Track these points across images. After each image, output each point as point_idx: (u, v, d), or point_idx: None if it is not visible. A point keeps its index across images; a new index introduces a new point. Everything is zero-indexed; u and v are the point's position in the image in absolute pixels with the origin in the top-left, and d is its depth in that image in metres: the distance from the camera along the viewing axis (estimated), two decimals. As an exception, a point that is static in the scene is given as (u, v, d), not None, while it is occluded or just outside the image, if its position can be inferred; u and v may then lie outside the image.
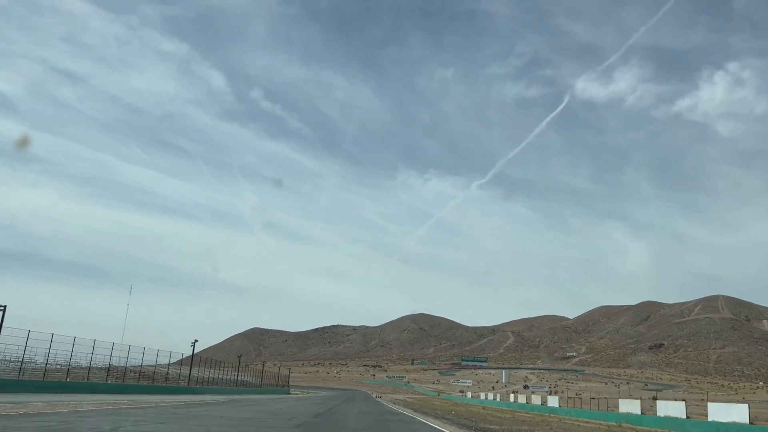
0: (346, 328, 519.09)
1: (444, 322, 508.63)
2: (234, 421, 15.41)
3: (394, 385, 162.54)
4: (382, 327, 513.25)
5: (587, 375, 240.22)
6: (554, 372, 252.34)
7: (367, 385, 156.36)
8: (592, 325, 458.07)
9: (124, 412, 16.31)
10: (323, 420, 18.60)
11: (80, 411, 15.78)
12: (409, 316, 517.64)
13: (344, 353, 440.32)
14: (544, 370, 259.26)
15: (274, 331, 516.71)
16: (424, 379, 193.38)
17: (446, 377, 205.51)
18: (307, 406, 31.40)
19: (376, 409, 33.61)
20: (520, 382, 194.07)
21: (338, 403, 38.55)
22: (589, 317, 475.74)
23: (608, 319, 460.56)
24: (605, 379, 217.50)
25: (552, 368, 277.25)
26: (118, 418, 13.68)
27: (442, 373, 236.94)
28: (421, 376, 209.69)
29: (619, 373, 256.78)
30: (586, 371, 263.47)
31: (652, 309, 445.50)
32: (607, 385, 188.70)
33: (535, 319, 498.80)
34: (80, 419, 12.81)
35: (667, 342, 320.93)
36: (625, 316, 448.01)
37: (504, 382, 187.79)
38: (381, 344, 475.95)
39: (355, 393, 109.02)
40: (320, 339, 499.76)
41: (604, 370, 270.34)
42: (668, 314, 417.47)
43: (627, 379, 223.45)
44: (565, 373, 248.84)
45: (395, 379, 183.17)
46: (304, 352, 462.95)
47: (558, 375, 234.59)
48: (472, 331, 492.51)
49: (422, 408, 42.54)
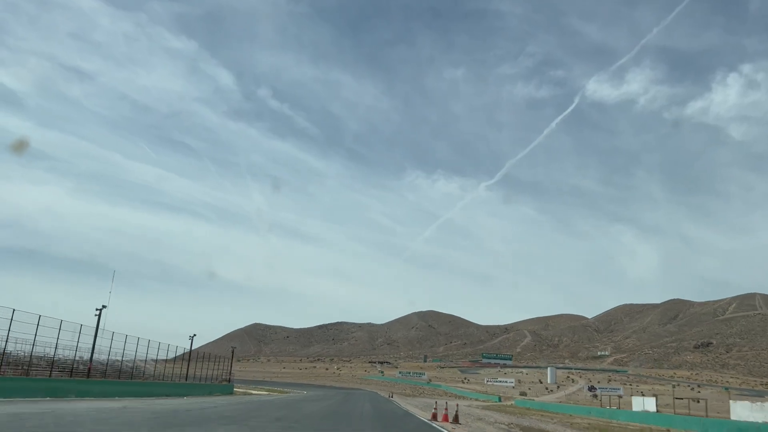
0: (350, 326, 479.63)
1: (454, 319, 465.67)
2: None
3: (410, 383, 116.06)
4: (388, 324, 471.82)
5: (637, 376, 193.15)
6: (596, 372, 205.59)
7: (375, 384, 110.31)
8: (615, 324, 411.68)
9: None
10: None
11: None
12: (418, 313, 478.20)
13: (349, 351, 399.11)
14: (581, 370, 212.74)
15: (276, 328, 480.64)
16: (446, 377, 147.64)
17: (472, 375, 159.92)
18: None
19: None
20: (566, 382, 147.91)
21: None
22: (610, 316, 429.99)
23: (631, 318, 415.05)
24: (661, 381, 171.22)
25: (588, 368, 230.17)
26: None
27: (464, 371, 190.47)
28: (440, 374, 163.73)
29: (668, 374, 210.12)
30: (629, 371, 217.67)
31: (680, 307, 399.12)
32: (677, 388, 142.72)
33: (551, 318, 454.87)
34: None
35: (715, 341, 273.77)
36: (650, 314, 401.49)
37: (550, 382, 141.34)
38: (388, 342, 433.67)
39: (351, 394, 64.42)
40: (324, 336, 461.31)
41: (649, 371, 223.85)
42: (699, 312, 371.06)
43: (685, 381, 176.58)
44: (607, 373, 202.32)
45: (410, 377, 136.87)
46: (306, 349, 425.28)
47: (600, 375, 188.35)
48: (483, 330, 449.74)
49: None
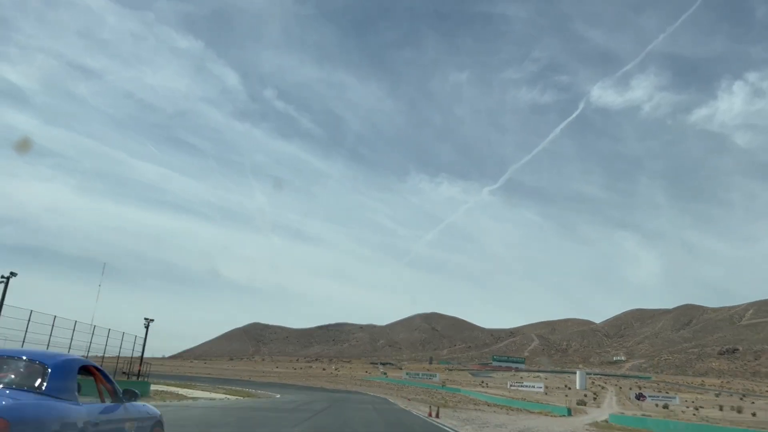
0: (352, 327, 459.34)
1: (458, 322, 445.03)
2: None
3: (421, 386, 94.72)
4: (390, 326, 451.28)
5: (666, 383, 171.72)
6: (620, 378, 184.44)
7: (379, 387, 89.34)
8: (625, 329, 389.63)
9: None
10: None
11: None
12: (421, 315, 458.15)
13: (349, 352, 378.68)
14: (601, 375, 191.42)
15: (275, 327, 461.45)
16: (459, 380, 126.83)
17: (486, 378, 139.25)
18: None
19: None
20: (593, 388, 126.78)
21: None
22: (620, 321, 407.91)
23: (642, 323, 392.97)
24: (697, 389, 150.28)
25: (607, 373, 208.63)
26: None
27: (475, 374, 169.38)
28: (450, 377, 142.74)
29: (695, 381, 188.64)
30: (652, 378, 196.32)
31: (693, 313, 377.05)
32: (719, 397, 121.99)
33: (557, 322, 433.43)
34: None
35: (741, 347, 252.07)
36: (662, 320, 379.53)
37: (580, 388, 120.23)
38: (389, 344, 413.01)
39: (346, 400, 44.33)
40: (324, 337, 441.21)
41: (673, 378, 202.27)
42: (715, 318, 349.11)
43: (723, 390, 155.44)
44: (631, 379, 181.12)
45: (419, 378, 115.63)
46: (306, 349, 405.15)
47: (625, 381, 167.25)
48: (488, 333, 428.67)
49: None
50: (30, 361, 6.25)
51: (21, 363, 6.26)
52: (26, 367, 6.20)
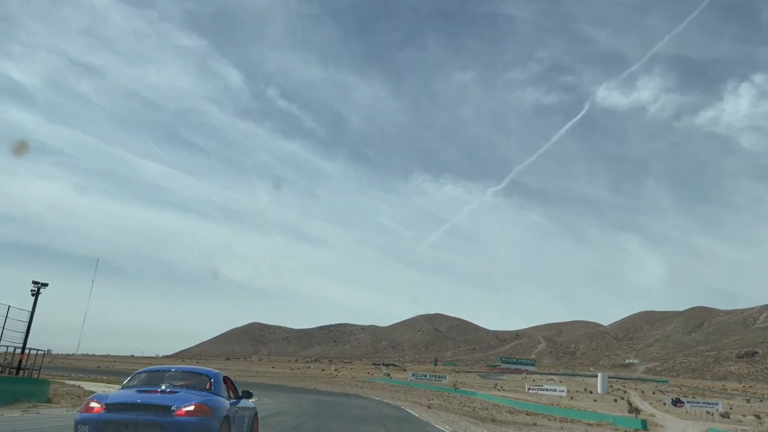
0: (353, 327, 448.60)
1: (462, 324, 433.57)
2: None
3: (431, 389, 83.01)
4: (393, 327, 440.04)
5: (689, 388, 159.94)
6: (638, 382, 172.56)
7: (383, 389, 77.62)
8: (634, 332, 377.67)
9: None
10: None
11: None
12: (424, 316, 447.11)
13: (351, 353, 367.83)
14: (617, 379, 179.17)
15: (275, 327, 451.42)
16: (470, 382, 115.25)
17: (497, 381, 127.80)
18: None
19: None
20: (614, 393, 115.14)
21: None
22: (629, 323, 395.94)
23: (652, 325, 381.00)
24: (721, 393, 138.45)
25: (622, 376, 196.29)
26: None
27: (484, 376, 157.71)
28: (459, 378, 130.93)
29: (716, 385, 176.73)
30: (670, 381, 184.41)
31: (705, 315, 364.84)
32: (751, 403, 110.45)
33: (564, 324, 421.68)
34: None
35: (761, 350, 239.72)
36: (673, 322, 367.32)
37: (601, 392, 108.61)
38: (392, 345, 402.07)
39: (344, 403, 33.56)
40: (325, 337, 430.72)
41: (692, 381, 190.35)
42: (728, 321, 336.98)
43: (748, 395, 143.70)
44: (650, 383, 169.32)
45: (427, 380, 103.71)
46: (306, 350, 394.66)
47: (645, 385, 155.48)
48: (493, 335, 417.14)
49: None
50: (201, 374, 10.69)
51: (197, 375, 10.67)
52: (200, 377, 10.50)
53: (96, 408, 8.72)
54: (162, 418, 8.48)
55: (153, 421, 8.44)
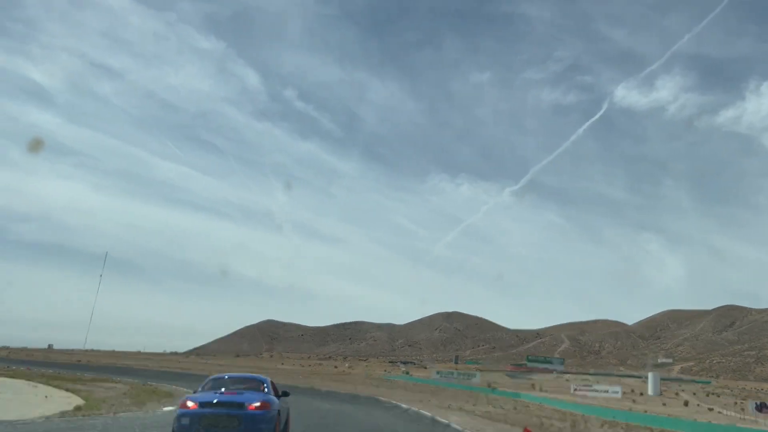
0: (369, 325, 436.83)
1: (481, 322, 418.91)
2: None
3: (462, 388, 68.75)
4: (410, 325, 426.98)
5: (741, 390, 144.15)
6: (681, 383, 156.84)
7: (404, 388, 63.71)
8: (661, 331, 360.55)
9: None
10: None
11: None
12: (441, 314, 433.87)
13: (367, 351, 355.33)
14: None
15: (289, 325, 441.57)
16: (500, 381, 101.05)
17: (526, 381, 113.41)
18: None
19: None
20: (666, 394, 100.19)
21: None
22: (655, 322, 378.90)
23: (679, 324, 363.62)
24: None
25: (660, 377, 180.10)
26: None
27: (512, 375, 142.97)
28: (485, 377, 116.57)
29: (764, 387, 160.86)
30: (713, 383, 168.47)
31: (735, 314, 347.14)
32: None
33: (587, 324, 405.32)
34: None
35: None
36: (702, 321, 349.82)
37: (653, 393, 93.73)
38: (409, 343, 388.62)
39: (345, 414, 20.00)
40: (341, 335, 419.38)
41: (735, 383, 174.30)
42: (761, 320, 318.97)
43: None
44: (694, 384, 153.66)
45: (455, 378, 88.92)
46: (322, 348, 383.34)
47: (689, 386, 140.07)
48: (513, 334, 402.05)
49: None
50: (257, 380, 13.95)
51: (255, 380, 13.94)
52: (256, 381, 13.68)
53: (192, 405, 11.74)
54: (239, 411, 11.57)
55: (233, 414, 11.49)
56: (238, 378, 14.15)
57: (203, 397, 11.99)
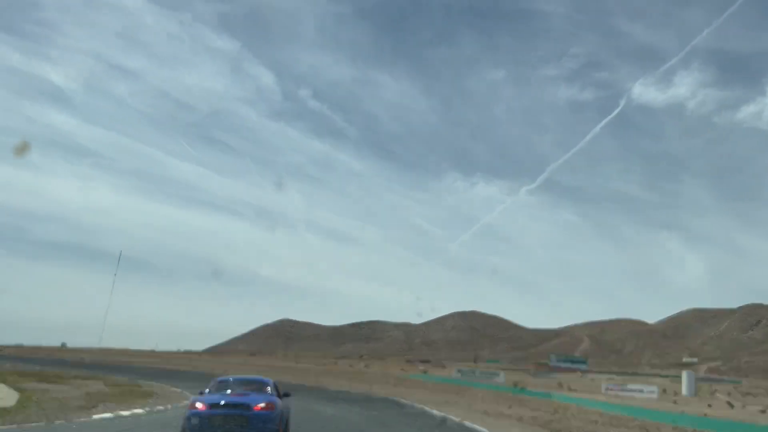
0: (386, 325, 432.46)
1: (499, 321, 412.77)
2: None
3: (487, 388, 63.42)
4: (427, 324, 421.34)
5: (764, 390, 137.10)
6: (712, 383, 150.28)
7: (424, 388, 58.68)
8: (684, 330, 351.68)
9: None
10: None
11: None
12: (459, 313, 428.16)
13: (383, 350, 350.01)
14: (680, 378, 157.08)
15: (305, 324, 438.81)
16: (524, 381, 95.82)
17: (549, 380, 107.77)
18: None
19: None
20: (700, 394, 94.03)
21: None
22: (677, 321, 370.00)
23: (703, 323, 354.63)
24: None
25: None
26: None
27: (535, 374, 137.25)
28: (511, 377, 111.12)
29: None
30: (744, 382, 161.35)
31: (762, 312, 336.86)
32: None
33: (607, 323, 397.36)
34: None
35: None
36: (727, 320, 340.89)
37: (687, 393, 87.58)
38: (426, 343, 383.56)
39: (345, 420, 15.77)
40: (357, 335, 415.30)
41: (766, 383, 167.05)
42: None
43: None
44: (726, 384, 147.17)
45: (477, 377, 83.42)
46: (338, 347, 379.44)
47: (721, 386, 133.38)
48: (532, 334, 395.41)
49: None
50: (261, 381, 14.69)
51: (259, 382, 14.73)
52: (260, 383, 14.48)
53: (201, 406, 12.44)
54: (246, 412, 12.32)
55: (240, 414, 12.25)
56: (242, 380, 14.94)
57: (211, 398, 12.80)
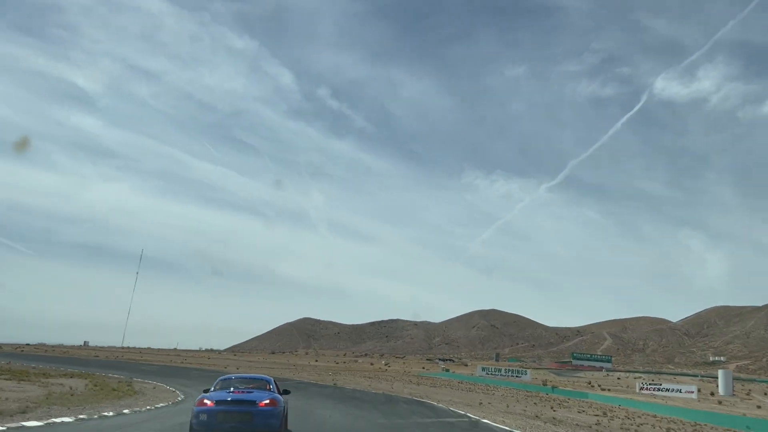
0: (405, 323, 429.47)
1: (519, 320, 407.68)
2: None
3: (516, 387, 60.23)
4: (447, 323, 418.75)
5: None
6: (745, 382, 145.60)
7: (449, 387, 55.49)
8: (708, 328, 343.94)
9: None
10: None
11: None
12: (479, 312, 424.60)
13: (403, 349, 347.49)
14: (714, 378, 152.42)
15: (326, 323, 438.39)
16: (549, 379, 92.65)
17: (572, 379, 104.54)
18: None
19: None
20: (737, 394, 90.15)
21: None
22: (701, 319, 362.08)
23: (727, 321, 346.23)
24: None
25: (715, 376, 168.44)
26: None
27: (559, 373, 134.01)
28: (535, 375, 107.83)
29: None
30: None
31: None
32: None
33: (629, 321, 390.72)
34: None
35: None
36: (753, 318, 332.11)
37: (724, 393, 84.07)
38: (446, 341, 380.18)
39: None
40: (377, 333, 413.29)
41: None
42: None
43: None
44: (759, 384, 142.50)
45: (502, 376, 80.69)
46: (358, 346, 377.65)
47: (754, 385, 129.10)
48: (552, 332, 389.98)
49: None
50: (263, 379, 15.25)
51: (261, 380, 15.21)
52: (263, 381, 14.98)
53: (208, 403, 12.75)
54: (251, 408, 12.77)
55: (246, 411, 12.68)
56: (244, 378, 15.60)
57: (218, 395, 13.21)
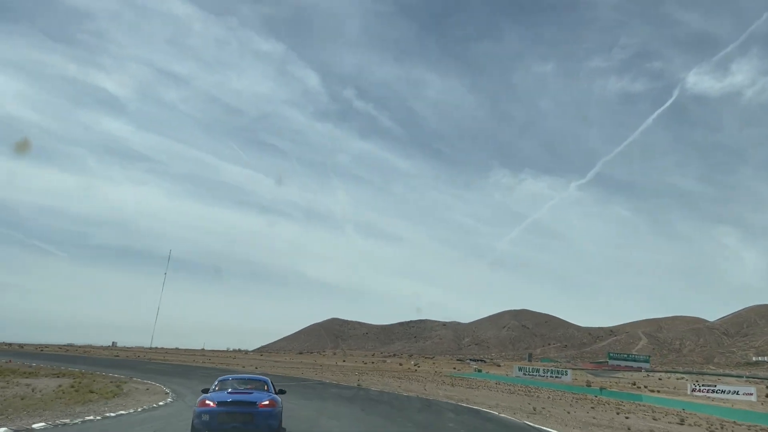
0: (434, 324, 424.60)
1: (551, 320, 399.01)
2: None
3: (560, 389, 55.56)
4: (476, 323, 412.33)
5: None
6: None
7: (487, 388, 50.78)
8: (748, 328, 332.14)
9: None
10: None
11: None
12: (509, 312, 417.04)
13: (432, 349, 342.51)
14: (758, 379, 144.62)
15: (354, 323, 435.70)
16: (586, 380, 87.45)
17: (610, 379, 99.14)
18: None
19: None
20: None
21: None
22: (741, 318, 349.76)
23: (767, 321, 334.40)
24: None
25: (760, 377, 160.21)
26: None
27: (596, 374, 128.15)
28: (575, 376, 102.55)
29: None
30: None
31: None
32: None
33: (664, 320, 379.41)
34: None
35: None
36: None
37: (779, 397, 77.89)
38: (475, 341, 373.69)
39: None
40: (405, 333, 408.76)
41: None
42: None
43: None
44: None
45: (540, 376, 75.82)
46: (387, 346, 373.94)
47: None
48: (585, 332, 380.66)
49: None
50: (260, 380, 16.26)
51: (258, 380, 16.32)
52: (260, 382, 16.05)
53: (210, 404, 13.38)
54: (252, 409, 13.41)
55: (247, 411, 13.31)
56: (242, 378, 16.72)
57: (219, 396, 13.84)
